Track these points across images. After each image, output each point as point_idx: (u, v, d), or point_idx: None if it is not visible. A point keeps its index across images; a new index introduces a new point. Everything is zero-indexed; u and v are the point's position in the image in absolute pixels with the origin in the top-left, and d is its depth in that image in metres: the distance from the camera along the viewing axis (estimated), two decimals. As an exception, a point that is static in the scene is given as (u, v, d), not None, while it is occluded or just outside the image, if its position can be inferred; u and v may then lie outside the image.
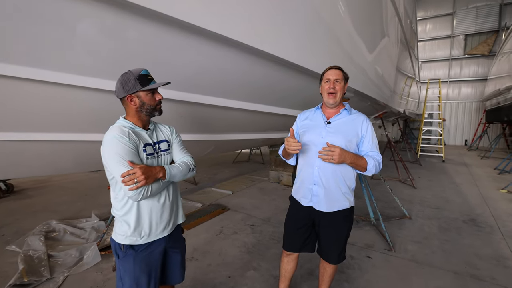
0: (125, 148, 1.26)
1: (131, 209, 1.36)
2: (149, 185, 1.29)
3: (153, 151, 1.42)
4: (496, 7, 14.36)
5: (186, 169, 1.47)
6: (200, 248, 3.07)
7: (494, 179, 6.79)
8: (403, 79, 7.65)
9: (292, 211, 1.95)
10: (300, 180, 1.88)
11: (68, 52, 1.50)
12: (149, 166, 1.30)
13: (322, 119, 1.81)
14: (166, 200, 1.47)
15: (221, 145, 3.73)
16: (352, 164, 1.64)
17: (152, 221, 1.41)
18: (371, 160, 1.66)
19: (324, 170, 1.73)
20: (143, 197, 1.28)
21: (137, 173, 1.23)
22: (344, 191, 1.75)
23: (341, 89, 1.74)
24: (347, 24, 3.34)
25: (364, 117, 1.78)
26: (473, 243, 3.24)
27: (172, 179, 1.40)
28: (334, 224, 1.79)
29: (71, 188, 5.50)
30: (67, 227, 3.32)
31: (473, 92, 15.37)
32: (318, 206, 1.77)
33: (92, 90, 1.77)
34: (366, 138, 1.74)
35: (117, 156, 1.25)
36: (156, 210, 1.42)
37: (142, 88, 1.34)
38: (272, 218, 4.01)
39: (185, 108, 2.49)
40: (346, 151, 1.61)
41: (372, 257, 2.91)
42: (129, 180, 1.22)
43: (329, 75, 1.75)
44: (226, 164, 8.68)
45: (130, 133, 1.32)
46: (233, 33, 1.89)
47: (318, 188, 1.75)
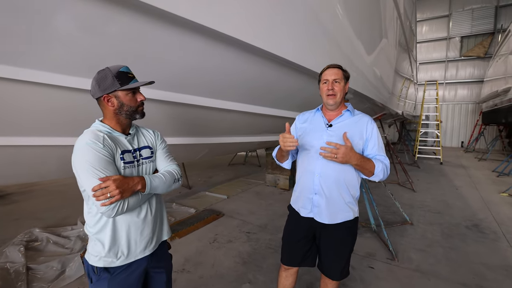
0: (97, 156, 1.09)
1: (106, 226, 1.18)
2: (125, 199, 1.12)
3: (132, 159, 1.24)
4: (492, 9, 14.39)
5: (170, 180, 1.29)
6: (192, 258, 2.88)
7: (494, 182, 6.70)
8: (401, 81, 7.55)
9: (290, 222, 1.79)
10: (299, 188, 1.71)
11: (44, 46, 1.34)
12: (125, 177, 1.12)
13: (323, 122, 1.65)
14: (148, 214, 1.29)
15: (215, 149, 3.56)
16: (358, 166, 1.47)
17: (131, 239, 1.23)
18: (379, 164, 1.50)
19: (326, 178, 1.57)
20: (118, 213, 1.11)
21: (110, 186, 1.05)
22: (347, 201, 1.59)
23: (341, 90, 1.58)
24: (347, 23, 3.20)
25: (368, 118, 1.62)
26: (479, 251, 3.10)
27: (153, 191, 1.22)
28: (337, 237, 1.62)
29: (60, 192, 5.27)
30: (51, 236, 3.11)
31: (469, 94, 15.38)
32: (319, 217, 1.60)
33: (73, 90, 1.61)
34: (372, 141, 1.57)
35: (88, 166, 1.07)
36: (136, 226, 1.24)
37: (121, 87, 1.16)
38: (269, 224, 3.84)
39: (176, 110, 2.32)
40: (353, 151, 1.43)
41: (375, 267, 2.75)
42: (101, 195, 1.05)
43: (327, 75, 1.59)
44: (221, 167, 8.50)
45: (105, 138, 1.15)
46: (228, 29, 1.73)
47: (319, 198, 1.59)
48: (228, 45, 1.95)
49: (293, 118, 3.88)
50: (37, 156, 1.90)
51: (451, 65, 15.71)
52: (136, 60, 1.48)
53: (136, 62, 1.38)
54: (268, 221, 3.97)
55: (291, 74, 2.77)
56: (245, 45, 1.96)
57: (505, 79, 8.70)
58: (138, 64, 1.40)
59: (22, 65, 1.34)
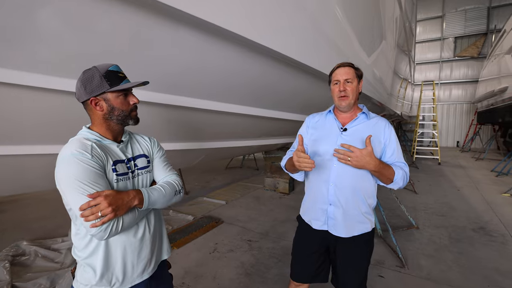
0: (85, 168, 0.93)
1: (97, 249, 1.02)
2: (119, 218, 0.96)
3: (126, 170, 1.08)
4: (484, 10, 14.52)
5: (171, 192, 1.14)
6: (192, 270, 2.71)
7: (494, 182, 6.64)
8: (399, 81, 7.50)
9: (301, 235, 1.63)
10: (311, 199, 1.56)
11: (24, 43, 1.18)
12: (119, 192, 0.96)
13: (336, 126, 1.50)
14: (146, 232, 1.13)
15: (212, 154, 3.41)
16: (376, 173, 1.34)
17: (127, 262, 1.07)
18: (399, 171, 1.36)
19: (342, 187, 1.42)
20: (111, 235, 0.95)
21: (102, 203, 0.89)
22: (364, 211, 1.45)
23: (354, 90, 1.44)
24: (348, 25, 3.09)
25: (385, 122, 1.49)
26: (489, 256, 2.99)
27: (152, 206, 1.07)
28: (354, 252, 1.48)
29: (50, 200, 5.05)
30: (39, 249, 2.91)
31: (464, 94, 15.46)
32: (334, 230, 1.46)
33: (60, 92, 1.45)
34: (390, 146, 1.44)
35: (73, 181, 0.91)
36: (133, 247, 1.08)
37: (111, 89, 1.01)
38: (270, 231, 3.69)
39: (170, 113, 2.17)
40: (371, 156, 1.28)
41: (385, 276, 2.62)
42: (91, 214, 0.89)
43: (338, 75, 1.45)
44: (218, 171, 8.32)
45: (93, 147, 0.99)
46: (228, 23, 1.60)
47: (334, 209, 1.44)
48: (228, 42, 1.81)
49: (292, 121, 3.77)
50: (20, 166, 1.73)
51: (445, 65, 15.80)
52: (126, 58, 1.32)
53: (126, 60, 1.22)
54: (270, 228, 3.82)
55: (294, 74, 2.64)
56: (246, 42, 1.83)
57: (501, 79, 8.72)
58: (127, 63, 1.25)
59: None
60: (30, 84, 1.34)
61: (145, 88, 1.56)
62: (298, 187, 5.99)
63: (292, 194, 5.58)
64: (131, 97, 1.09)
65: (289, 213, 4.39)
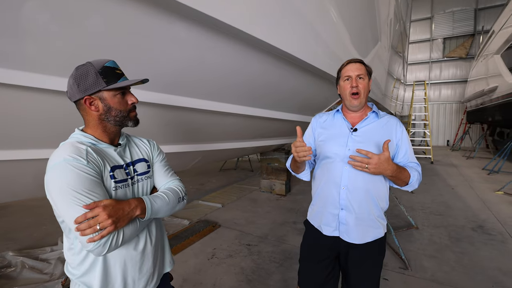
0: (80, 176, 0.83)
1: (94, 266, 0.92)
2: (119, 230, 0.86)
3: (125, 176, 0.98)
4: (471, 11, 14.81)
5: (174, 200, 1.04)
6: (191, 278, 2.60)
7: (486, 180, 6.72)
8: (393, 82, 7.54)
9: (309, 240, 1.55)
10: (320, 203, 1.47)
11: (12, 39, 1.08)
12: (119, 202, 0.86)
13: (346, 126, 1.43)
14: (147, 244, 1.03)
15: (208, 156, 3.31)
16: (393, 177, 1.27)
17: (128, 278, 0.97)
18: (414, 173, 1.30)
19: (354, 191, 1.34)
20: (110, 249, 0.85)
21: (100, 215, 0.79)
22: (377, 215, 1.38)
23: (365, 87, 1.38)
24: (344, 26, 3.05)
25: (396, 121, 1.42)
26: (491, 256, 2.97)
27: (154, 216, 0.97)
28: (368, 259, 1.40)
29: (37, 207, 4.84)
30: (27, 259, 2.74)
31: (453, 94, 15.71)
32: (347, 236, 1.38)
33: (50, 92, 1.34)
34: (403, 147, 1.37)
35: (67, 190, 0.80)
36: (133, 261, 0.98)
37: (108, 86, 0.90)
38: (269, 234, 3.60)
39: (166, 113, 2.06)
40: (389, 162, 1.20)
41: (389, 278, 2.56)
42: (88, 228, 0.78)
43: (349, 71, 1.38)
44: (212, 173, 8.20)
45: (89, 152, 0.89)
46: (227, 17, 1.51)
47: (347, 214, 1.36)
48: (227, 38, 1.73)
49: (291, 121, 3.70)
50: (10, 172, 1.60)
51: (434, 65, 16.04)
52: (121, 56, 1.22)
53: (121, 57, 1.12)
54: (268, 230, 3.73)
55: (294, 72, 2.57)
56: (246, 38, 1.75)
57: (489, 79, 8.87)
58: (122, 60, 1.15)
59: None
60: (15, 83, 1.23)
61: (139, 87, 1.46)
62: (295, 188, 5.93)
63: (289, 195, 5.51)
64: (129, 96, 0.99)
65: (287, 215, 4.31)
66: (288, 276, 2.59)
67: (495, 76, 8.28)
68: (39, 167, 1.63)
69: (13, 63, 1.15)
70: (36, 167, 1.65)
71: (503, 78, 7.60)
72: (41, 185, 1.81)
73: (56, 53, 1.22)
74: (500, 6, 11.82)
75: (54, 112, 1.46)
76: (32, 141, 1.55)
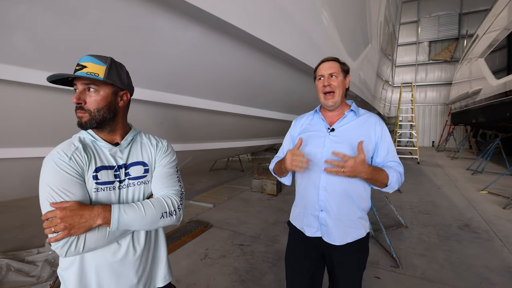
0: (58, 173, 0.83)
1: (73, 264, 0.91)
2: (79, 236, 0.82)
3: (112, 178, 0.94)
4: (456, 16, 15.27)
5: (155, 214, 0.91)
6: (183, 279, 2.57)
7: (470, 180, 6.93)
8: (381, 83, 7.67)
9: (293, 242, 1.52)
10: (301, 204, 1.45)
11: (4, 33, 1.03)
12: (81, 207, 0.82)
13: (324, 126, 1.40)
14: (129, 253, 0.96)
15: (199, 156, 3.27)
16: (369, 180, 1.25)
17: (103, 285, 0.93)
18: (393, 173, 1.26)
19: (333, 192, 1.32)
20: (69, 254, 0.82)
21: (55, 218, 0.79)
22: (359, 216, 1.35)
23: (340, 85, 1.34)
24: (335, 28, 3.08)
25: (376, 118, 1.39)
26: (477, 253, 3.06)
27: (125, 228, 0.89)
28: (350, 260, 1.38)
29: (22, 207, 4.67)
30: (12, 262, 2.64)
31: (438, 96, 16.14)
32: (328, 237, 1.35)
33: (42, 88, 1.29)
34: (383, 145, 1.33)
35: (44, 186, 0.83)
36: (109, 269, 0.93)
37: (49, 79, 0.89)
38: (262, 234, 3.60)
39: (157, 111, 2.02)
40: (364, 164, 1.18)
41: (380, 277, 2.60)
42: (47, 227, 0.79)
43: (322, 70, 1.37)
44: (202, 173, 8.13)
45: (78, 149, 0.88)
46: (227, 15, 1.50)
47: (326, 216, 1.34)
48: (224, 36, 1.71)
49: (284, 121, 3.70)
50: None
51: (420, 68, 16.44)
52: (115, 52, 1.19)
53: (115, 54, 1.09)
54: (261, 230, 3.73)
55: (288, 71, 2.58)
56: (242, 36, 1.73)
57: (473, 82, 9.15)
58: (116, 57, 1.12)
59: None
60: (6, 78, 1.17)
61: (135, 84, 1.42)
62: (286, 188, 5.94)
63: (280, 195, 5.53)
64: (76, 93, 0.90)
65: (279, 215, 4.32)
66: (282, 276, 2.58)
67: (479, 79, 8.55)
68: (26, 166, 1.58)
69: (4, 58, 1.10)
70: (23, 167, 1.60)
71: (486, 81, 7.86)
72: (29, 185, 1.75)
73: (50, 49, 1.17)
74: (484, 11, 12.25)
75: (43, 109, 1.41)
76: (18, 139, 1.49)
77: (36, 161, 1.53)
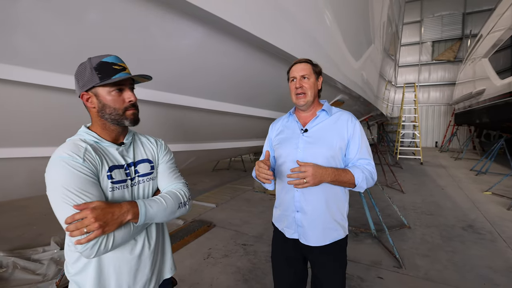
0: (74, 174, 0.82)
1: (88, 266, 0.90)
2: (109, 234, 0.84)
3: (124, 177, 0.96)
4: (459, 16, 15.18)
5: (173, 205, 0.99)
6: (187, 278, 2.58)
7: (474, 181, 6.89)
8: (384, 83, 7.65)
9: (276, 243, 1.53)
10: (281, 206, 1.45)
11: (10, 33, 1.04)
12: (109, 205, 0.84)
13: (297, 127, 1.41)
14: (145, 249, 1.00)
15: (203, 156, 3.28)
16: (334, 182, 1.24)
17: (122, 283, 0.95)
18: (358, 173, 1.26)
19: (307, 193, 1.32)
20: (99, 253, 0.83)
21: (87, 219, 0.78)
22: (335, 218, 1.35)
23: (312, 87, 1.35)
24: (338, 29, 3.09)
25: (348, 115, 1.38)
26: (481, 254, 3.05)
27: (150, 221, 0.94)
28: (329, 263, 1.37)
29: (27, 206, 4.71)
30: (18, 260, 2.67)
31: (441, 96, 16.06)
32: (304, 239, 1.35)
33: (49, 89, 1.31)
34: (354, 142, 1.33)
35: (60, 188, 0.80)
36: (129, 266, 0.95)
37: (100, 82, 0.88)
38: (264, 234, 3.61)
39: (162, 112, 2.04)
40: (322, 167, 1.19)
41: (384, 277, 2.60)
42: (75, 229, 0.77)
43: (294, 72, 1.37)
44: (205, 173, 8.16)
45: (87, 150, 0.88)
46: (231, 16, 1.51)
47: (302, 216, 1.34)
48: (228, 37, 1.72)
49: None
50: (2, 171, 1.55)
51: (424, 68, 16.37)
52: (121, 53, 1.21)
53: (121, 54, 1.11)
54: (263, 230, 3.74)
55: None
56: (247, 37, 1.74)
57: (477, 82, 9.10)
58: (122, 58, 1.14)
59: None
60: (13, 79, 1.19)
61: (139, 85, 1.44)
62: (288, 188, 5.94)
63: (283, 195, 5.52)
64: (127, 94, 0.95)
65: (282, 215, 4.32)
66: (285, 276, 2.60)
67: (483, 79, 8.50)
68: (31, 166, 1.60)
69: (3, 57, 1.11)
70: (28, 166, 1.62)
71: (490, 81, 7.81)
72: (34, 184, 1.77)
73: (54, 50, 1.19)
74: (488, 11, 12.15)
75: (48, 109, 1.43)
76: (23, 139, 1.51)
77: (39, 161, 1.56)
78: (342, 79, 3.32)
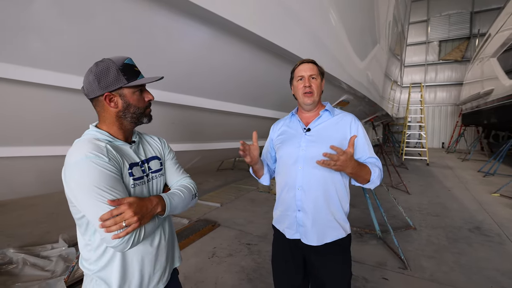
0: (103, 173, 0.84)
1: (112, 261, 0.93)
2: (141, 227, 0.88)
3: (141, 173, 1.00)
4: (467, 15, 14.99)
5: (189, 197, 1.08)
6: (192, 276, 2.61)
7: (481, 182, 6.81)
8: (390, 83, 7.60)
9: (276, 244, 1.54)
10: (282, 206, 1.45)
11: (18, 34, 1.07)
12: (142, 199, 0.88)
13: (300, 126, 1.43)
14: (162, 240, 1.05)
15: (208, 155, 3.30)
16: (353, 174, 1.24)
17: (145, 273, 0.99)
18: (375, 169, 1.28)
19: (309, 191, 1.33)
20: (133, 245, 0.87)
21: (127, 213, 0.81)
22: (337, 217, 1.35)
23: (318, 87, 1.38)
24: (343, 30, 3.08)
25: (351, 117, 1.41)
26: (488, 256, 3.01)
27: (172, 213, 1.00)
28: (332, 261, 1.37)
29: (35, 204, 4.79)
30: (28, 256, 2.73)
31: (448, 96, 15.89)
32: (305, 238, 1.35)
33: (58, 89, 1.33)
34: (359, 142, 1.35)
35: (91, 187, 0.82)
36: (150, 257, 1.00)
37: (128, 84, 0.92)
38: (269, 234, 3.61)
39: (168, 112, 2.06)
40: (352, 158, 1.19)
41: (389, 278, 2.59)
42: (114, 224, 0.80)
43: (302, 71, 1.39)
44: (209, 173, 8.19)
45: (108, 149, 0.90)
46: (237, 18, 1.52)
47: (303, 215, 1.34)
48: (234, 38, 1.73)
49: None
50: (13, 169, 1.59)
51: (430, 68, 16.21)
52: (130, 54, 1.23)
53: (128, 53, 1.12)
54: (268, 230, 3.74)
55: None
56: (253, 38, 1.75)
57: (485, 82, 8.98)
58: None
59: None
60: (21, 79, 1.22)
61: (149, 85, 1.46)
62: (293, 188, 5.94)
63: (287, 195, 5.52)
64: (146, 93, 1.01)
65: (286, 215, 4.33)
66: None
67: (491, 79, 8.39)
68: (40, 165, 1.63)
69: (13, 57, 1.13)
70: (37, 165, 1.65)
71: (499, 81, 7.70)
72: (43, 183, 1.80)
73: (61, 49, 1.21)
74: (496, 10, 12.01)
75: (57, 108, 1.45)
76: (33, 138, 1.54)
77: (49, 159, 1.59)
78: (347, 79, 3.31)
